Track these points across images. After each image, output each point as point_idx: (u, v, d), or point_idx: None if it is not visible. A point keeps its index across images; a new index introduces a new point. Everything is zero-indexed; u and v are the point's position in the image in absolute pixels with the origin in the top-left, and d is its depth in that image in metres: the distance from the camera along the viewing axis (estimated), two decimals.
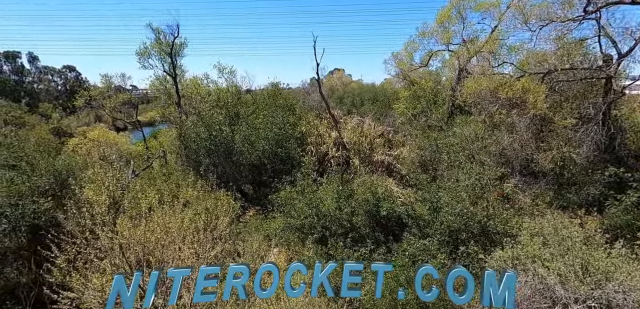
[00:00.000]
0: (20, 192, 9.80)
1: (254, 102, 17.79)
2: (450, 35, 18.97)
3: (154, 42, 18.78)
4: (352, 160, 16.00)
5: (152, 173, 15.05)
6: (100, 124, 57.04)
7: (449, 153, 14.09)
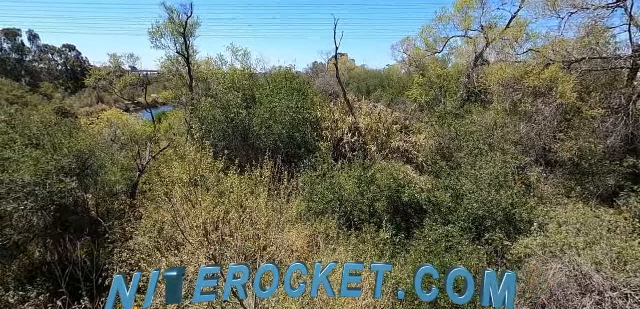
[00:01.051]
0: (46, 171, 9.74)
1: (271, 85, 17.57)
2: (471, 21, 18.67)
3: (167, 22, 18.38)
4: (369, 146, 15.95)
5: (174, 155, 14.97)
6: (101, 104, 56.65)
7: (468, 141, 14.06)
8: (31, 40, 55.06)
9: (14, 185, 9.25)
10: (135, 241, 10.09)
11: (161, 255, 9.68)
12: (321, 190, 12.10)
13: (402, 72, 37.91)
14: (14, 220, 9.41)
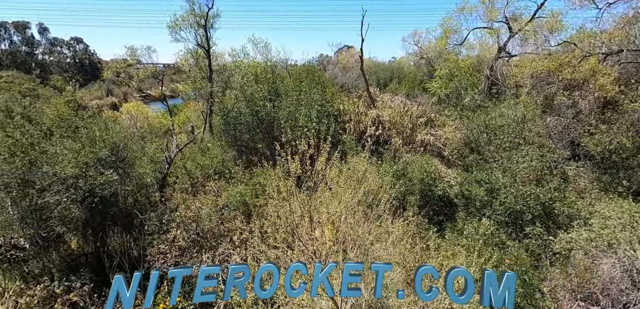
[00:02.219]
0: (85, 163, 9.78)
1: (292, 77, 17.46)
2: (497, 12, 18.35)
3: (186, 14, 18.27)
4: (394, 139, 15.86)
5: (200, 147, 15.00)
6: (111, 97, 56.84)
7: (497, 134, 13.92)
8: (41, 33, 55.27)
9: (57, 178, 9.32)
10: (172, 234, 10.16)
11: (200, 249, 9.77)
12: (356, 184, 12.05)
13: (410, 64, 37.58)
14: (56, 212, 9.49)
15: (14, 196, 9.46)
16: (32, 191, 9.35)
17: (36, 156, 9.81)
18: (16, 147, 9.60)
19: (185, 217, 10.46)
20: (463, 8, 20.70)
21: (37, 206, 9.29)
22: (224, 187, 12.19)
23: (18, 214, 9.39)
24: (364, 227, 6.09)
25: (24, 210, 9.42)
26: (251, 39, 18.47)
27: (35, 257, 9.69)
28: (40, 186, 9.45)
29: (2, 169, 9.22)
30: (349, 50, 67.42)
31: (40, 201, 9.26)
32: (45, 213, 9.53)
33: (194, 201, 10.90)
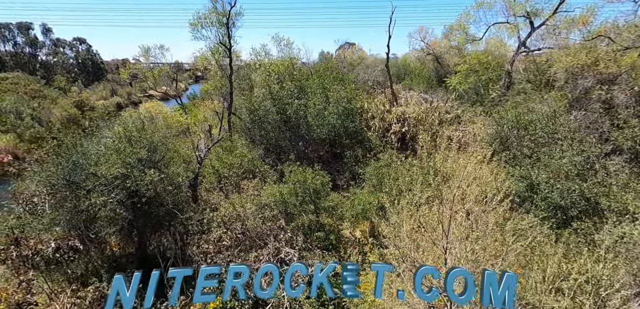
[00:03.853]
0: (129, 163, 9.69)
1: (315, 75, 17.38)
2: (520, 7, 18.27)
3: (207, 12, 18.11)
4: (421, 136, 15.82)
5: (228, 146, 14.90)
6: (115, 97, 56.48)
7: (527, 129, 13.90)
8: (44, 34, 54.80)
9: (103, 178, 9.23)
10: (218, 234, 10.11)
11: (249, 247, 9.71)
12: (389, 181, 11.99)
13: (413, 59, 37.33)
14: (102, 213, 9.43)
15: (59, 197, 9.39)
16: (79, 192, 9.29)
17: (78, 158, 9.72)
18: (60, 148, 9.51)
19: (227, 216, 10.41)
20: (482, 3, 20.64)
21: (84, 207, 9.21)
22: (259, 185, 12.13)
23: (65, 215, 9.31)
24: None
25: (70, 211, 9.35)
26: (274, 36, 18.40)
27: (80, 259, 9.61)
28: (86, 187, 9.38)
29: (49, 171, 9.14)
30: (351, 47, 67.15)
31: (87, 202, 9.19)
32: (91, 214, 9.46)
33: (235, 199, 10.81)
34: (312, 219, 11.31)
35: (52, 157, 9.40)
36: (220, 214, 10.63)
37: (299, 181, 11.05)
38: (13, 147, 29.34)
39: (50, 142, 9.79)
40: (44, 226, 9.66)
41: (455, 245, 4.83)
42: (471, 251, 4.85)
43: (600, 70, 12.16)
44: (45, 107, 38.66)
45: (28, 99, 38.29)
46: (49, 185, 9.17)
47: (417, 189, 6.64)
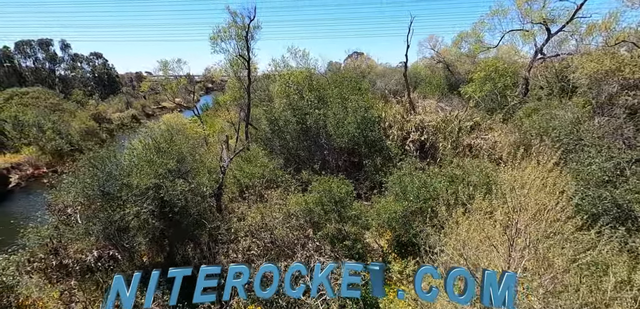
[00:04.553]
0: (160, 174, 9.94)
1: (333, 85, 17.58)
2: (537, 14, 18.27)
3: (227, 26, 18.55)
4: (441, 143, 15.81)
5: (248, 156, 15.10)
6: (131, 109, 57.78)
7: (550, 135, 13.77)
8: (63, 50, 56.69)
9: (136, 189, 9.48)
10: (247, 243, 10.22)
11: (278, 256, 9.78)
12: (412, 189, 11.98)
13: (422, 67, 37.34)
14: (134, 222, 9.65)
15: (94, 208, 9.66)
16: (112, 203, 9.54)
17: (112, 169, 10.01)
18: (96, 160, 9.81)
19: (255, 225, 10.52)
20: (497, 11, 20.74)
21: (117, 218, 9.45)
22: (283, 195, 12.24)
23: (99, 225, 9.56)
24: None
25: (103, 222, 9.59)
26: (290, 48, 18.76)
27: (117, 268, 9.81)
28: (119, 197, 9.64)
29: (85, 182, 9.44)
30: (359, 56, 67.64)
31: (121, 212, 9.43)
32: (124, 224, 9.69)
33: (262, 209, 10.93)
34: (338, 228, 11.33)
35: (88, 169, 9.69)
36: (247, 224, 10.74)
37: (324, 190, 11.13)
38: (35, 159, 30.24)
39: (86, 153, 10.06)
40: (79, 236, 9.95)
41: (521, 254, 4.80)
42: (541, 261, 4.79)
43: (625, 75, 12.04)
44: (65, 120, 39.82)
45: (49, 113, 39.50)
46: (86, 196, 9.44)
47: (478, 198, 6.57)
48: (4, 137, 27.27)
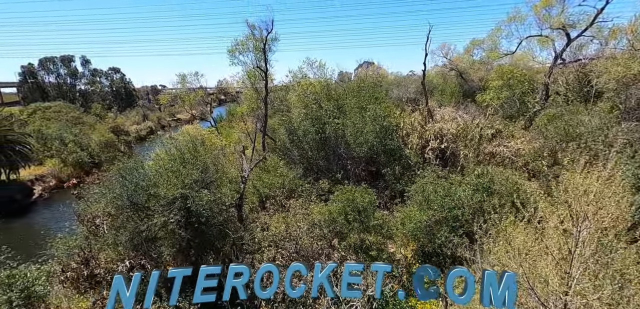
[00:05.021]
0: (186, 184, 10.06)
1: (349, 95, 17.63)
2: (556, 19, 18.05)
3: (244, 39, 18.93)
4: (462, 151, 15.58)
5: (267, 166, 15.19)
6: (147, 121, 59.19)
7: (576, 141, 13.41)
8: (83, 65, 58.84)
9: (164, 200, 9.61)
10: (272, 254, 10.19)
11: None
12: (435, 198, 11.77)
13: (434, 74, 37.07)
14: (162, 233, 9.76)
15: (123, 218, 9.82)
16: (140, 213, 9.69)
17: (139, 180, 10.19)
18: (125, 171, 10.02)
19: (279, 235, 10.50)
20: (514, 17, 20.59)
21: (144, 228, 9.58)
22: (305, 205, 12.20)
23: (127, 236, 9.71)
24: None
25: (131, 232, 9.74)
26: (306, 59, 18.99)
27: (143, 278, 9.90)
28: (147, 207, 9.79)
29: (115, 193, 9.64)
30: (370, 66, 67.89)
31: (148, 223, 9.56)
32: (151, 234, 9.81)
33: (286, 218, 10.92)
34: (361, 238, 11.21)
35: (118, 179, 9.90)
36: (271, 234, 10.73)
37: (347, 199, 11.06)
38: (58, 171, 31.20)
39: (116, 164, 10.29)
40: (108, 246, 10.12)
41: (586, 265, 4.59)
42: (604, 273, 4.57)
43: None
44: (85, 133, 41.09)
45: (70, 126, 40.85)
46: (116, 206, 9.62)
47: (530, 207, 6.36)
48: (29, 151, 28.21)
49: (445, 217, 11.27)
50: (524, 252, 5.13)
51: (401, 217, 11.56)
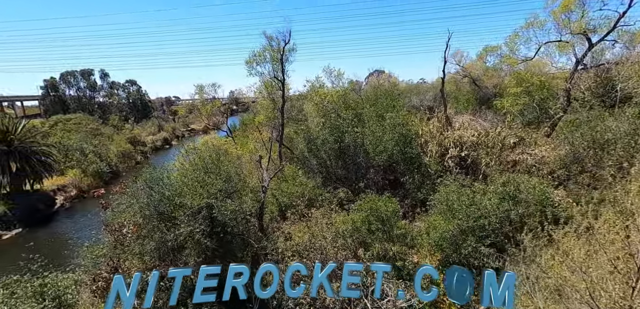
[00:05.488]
0: (212, 193, 10.17)
1: (366, 103, 17.64)
2: (578, 24, 17.70)
3: (262, 50, 19.22)
4: (482, 159, 15.29)
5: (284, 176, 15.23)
6: (162, 132, 60.39)
7: (605, 149, 13.00)
8: (102, 78, 60.78)
9: (189, 210, 9.72)
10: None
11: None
12: (459, 207, 11.52)
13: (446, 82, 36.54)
14: (189, 243, 9.84)
15: (150, 227, 9.95)
16: (167, 223, 9.81)
17: (164, 189, 10.34)
18: (152, 181, 10.19)
19: (302, 245, 10.45)
20: (532, 23, 20.28)
21: (170, 238, 9.68)
22: (327, 214, 12.14)
23: (153, 244, 9.83)
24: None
25: (157, 241, 9.85)
26: (325, 68, 19.17)
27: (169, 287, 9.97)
28: (173, 216, 9.90)
29: (142, 202, 9.80)
30: (380, 75, 67.79)
31: (174, 232, 9.66)
32: (177, 244, 9.90)
33: (311, 227, 10.87)
34: (384, 248, 11.05)
35: (145, 190, 10.07)
36: (294, 243, 10.69)
37: (371, 208, 10.96)
38: (79, 181, 32.05)
39: (143, 175, 10.48)
40: (134, 255, 10.25)
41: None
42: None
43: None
44: (104, 143, 42.25)
45: (90, 137, 42.10)
46: (143, 216, 9.77)
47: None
48: (53, 161, 29.10)
49: (470, 227, 11.01)
50: (584, 265, 4.90)
51: (425, 226, 11.35)
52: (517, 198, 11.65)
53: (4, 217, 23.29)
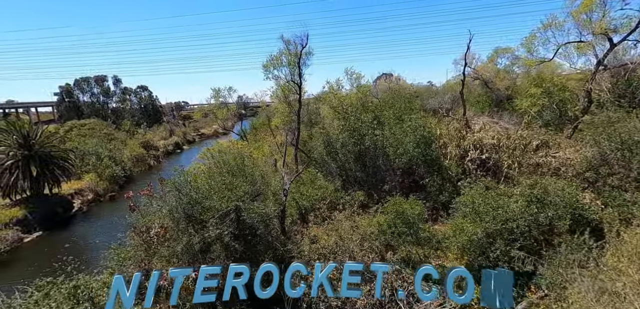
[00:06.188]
0: (238, 196, 10.22)
1: (385, 105, 17.59)
2: (599, 25, 17.43)
3: (279, 54, 19.36)
4: (504, 162, 15.08)
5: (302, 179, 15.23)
6: (173, 137, 61.05)
7: (633, 151, 12.70)
8: (115, 84, 61.88)
9: (218, 213, 9.78)
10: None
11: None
12: (485, 210, 11.35)
13: (452, 83, 36.39)
14: (218, 245, 9.88)
15: (178, 230, 10.02)
16: (196, 226, 9.87)
17: (191, 192, 10.41)
18: (180, 184, 10.28)
19: (327, 248, 10.42)
20: (550, 24, 20.01)
21: (197, 240, 9.73)
22: (351, 217, 12.10)
23: (181, 247, 9.89)
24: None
25: (185, 245, 9.91)
26: (346, 71, 19.23)
27: None
28: (201, 219, 9.97)
29: (171, 206, 9.89)
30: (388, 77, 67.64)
31: (202, 235, 9.71)
32: (204, 247, 9.95)
33: (339, 230, 10.84)
34: (409, 250, 10.95)
35: (173, 193, 10.16)
36: (320, 246, 10.67)
37: (397, 211, 10.88)
38: (95, 185, 32.57)
39: (172, 178, 10.57)
40: (163, 257, 10.33)
41: None
42: None
43: None
44: (118, 148, 42.93)
45: (105, 142, 42.83)
46: (173, 219, 9.85)
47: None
48: (70, 165, 29.64)
49: (498, 231, 10.83)
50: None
51: (452, 229, 11.21)
52: (545, 201, 11.44)
53: (24, 221, 23.77)
